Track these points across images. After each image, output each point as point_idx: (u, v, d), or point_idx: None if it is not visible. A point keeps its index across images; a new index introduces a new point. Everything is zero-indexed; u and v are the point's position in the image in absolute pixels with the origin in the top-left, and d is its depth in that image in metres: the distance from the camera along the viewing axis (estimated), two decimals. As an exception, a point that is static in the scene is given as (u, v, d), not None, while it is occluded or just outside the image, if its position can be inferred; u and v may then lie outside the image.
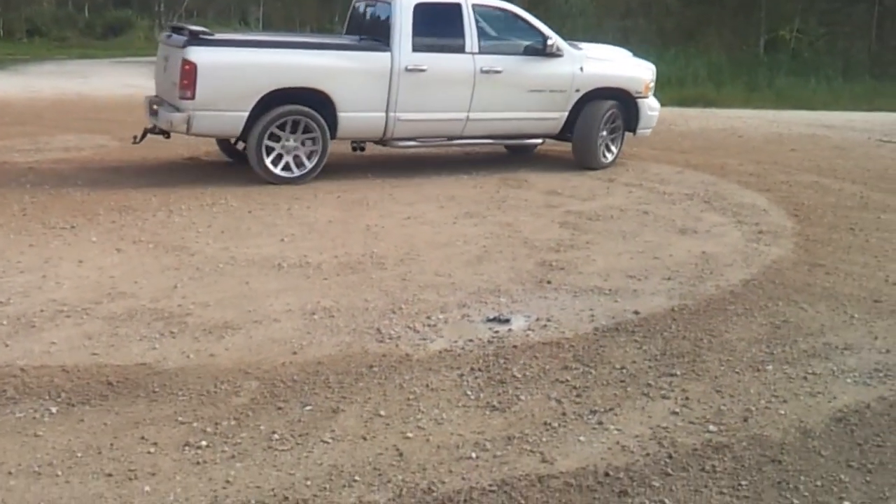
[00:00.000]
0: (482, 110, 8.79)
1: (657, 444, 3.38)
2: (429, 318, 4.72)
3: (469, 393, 3.80)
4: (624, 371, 4.10)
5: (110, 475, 2.99)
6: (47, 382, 3.74)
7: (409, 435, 3.38)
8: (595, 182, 8.77)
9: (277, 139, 8.00)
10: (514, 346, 4.35)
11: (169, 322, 4.50)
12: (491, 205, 7.60)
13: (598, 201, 7.88)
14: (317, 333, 4.44)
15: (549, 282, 5.43)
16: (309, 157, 8.16)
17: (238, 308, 4.75)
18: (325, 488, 2.98)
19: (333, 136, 8.27)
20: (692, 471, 3.20)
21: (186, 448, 3.19)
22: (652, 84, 9.86)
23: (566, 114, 9.26)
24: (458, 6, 8.72)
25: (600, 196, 8.12)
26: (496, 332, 4.55)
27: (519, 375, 4.00)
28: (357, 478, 3.05)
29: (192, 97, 7.63)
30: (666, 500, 3.01)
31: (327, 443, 3.29)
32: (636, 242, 6.46)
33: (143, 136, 8.46)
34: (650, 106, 9.78)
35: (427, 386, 3.85)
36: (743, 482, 3.14)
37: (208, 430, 3.34)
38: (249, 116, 7.83)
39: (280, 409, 3.56)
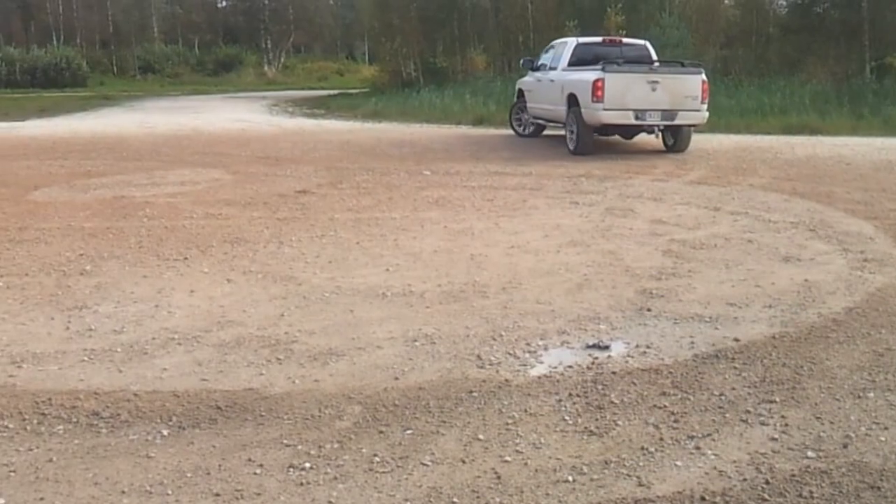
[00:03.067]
0: None
1: (755, 470, 3.35)
2: (528, 344, 4.78)
3: (567, 418, 3.84)
4: (723, 397, 4.06)
5: (218, 495, 3.15)
6: (159, 407, 3.95)
7: (508, 459, 3.44)
8: (701, 211, 8.69)
9: None
10: (613, 373, 4.37)
11: (275, 349, 4.69)
12: (595, 234, 7.62)
13: (703, 230, 7.79)
14: (418, 360, 4.55)
15: (649, 309, 5.42)
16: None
17: (342, 335, 4.92)
18: (424, 510, 3.07)
19: None
20: (789, 496, 3.16)
21: (291, 470, 3.33)
22: None
23: None
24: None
25: (705, 225, 8.03)
26: (595, 358, 4.58)
27: (617, 401, 4.01)
28: (456, 500, 3.12)
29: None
30: (771, 528, 2.98)
31: (427, 465, 3.38)
32: (739, 270, 6.37)
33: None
34: None
35: (526, 411, 3.91)
36: (843, 508, 3.08)
37: (312, 452, 3.48)
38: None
39: (381, 432, 3.67)
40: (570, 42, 14.70)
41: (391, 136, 16.65)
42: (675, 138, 13.60)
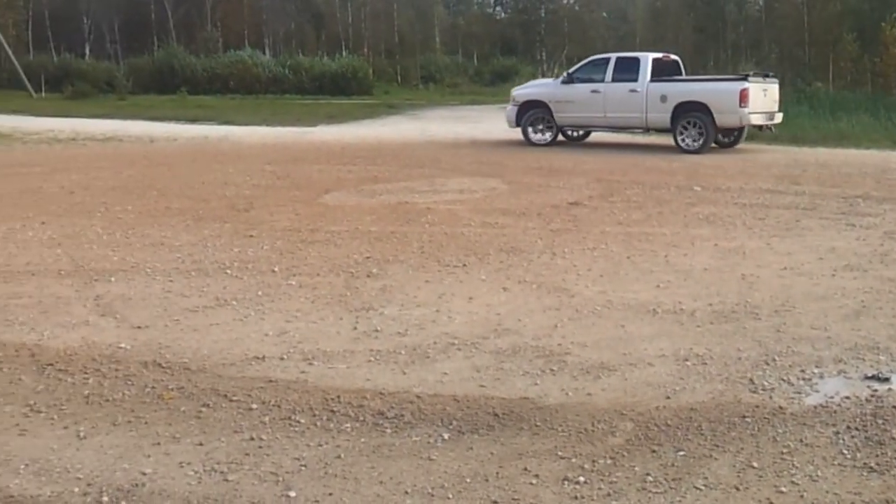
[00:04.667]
0: None
1: None
2: (803, 371, 4.57)
3: (845, 451, 3.64)
4: None
5: (496, 502, 3.27)
6: (440, 410, 4.15)
7: (783, 489, 3.32)
8: None
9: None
10: (894, 407, 4.07)
11: (549, 360, 4.79)
12: (874, 258, 7.13)
13: None
14: (689, 380, 4.47)
15: (937, 342, 4.98)
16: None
17: (614, 350, 4.93)
18: (697, 538, 3.03)
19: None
20: None
21: (566, 483, 3.40)
22: None
23: None
24: None
25: None
26: (875, 390, 4.30)
27: (899, 438, 3.74)
28: (731, 530, 3.05)
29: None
30: None
31: (700, 489, 3.32)
32: None
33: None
34: None
35: (801, 441, 3.74)
36: None
37: (586, 466, 3.52)
38: None
39: (654, 451, 3.65)
40: (645, 57, 16.81)
41: (662, 149, 16.35)
42: (739, 138, 16.88)
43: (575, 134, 18.54)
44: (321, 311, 5.82)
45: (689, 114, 15.71)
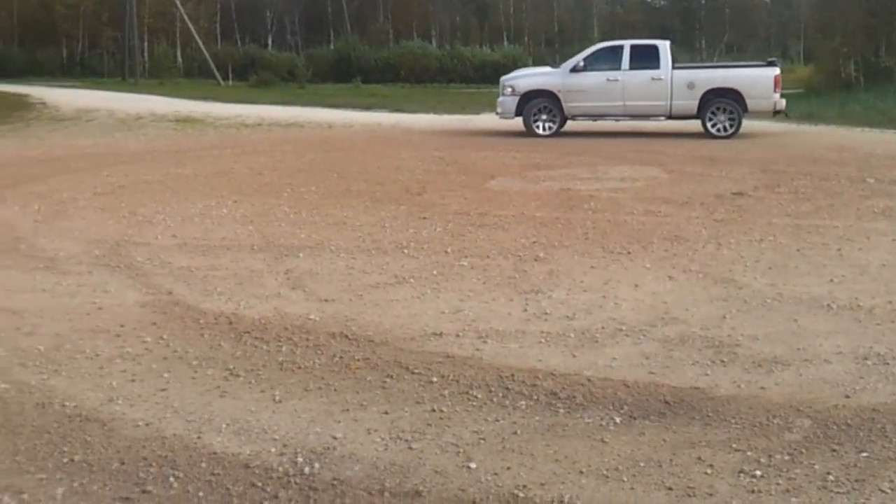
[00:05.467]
0: None
1: None
2: None
3: None
4: None
5: (671, 489, 3.18)
6: (611, 394, 4.08)
7: (981, 503, 3.07)
8: None
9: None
10: None
11: (719, 351, 4.62)
12: None
13: None
14: (870, 379, 4.21)
15: None
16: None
17: (787, 345, 4.70)
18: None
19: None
20: None
21: (741, 475, 3.26)
22: None
23: None
24: None
25: None
26: None
27: None
28: (920, 538, 2.86)
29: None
30: None
31: (885, 493, 3.12)
32: None
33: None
34: None
35: None
36: None
37: (762, 460, 3.37)
38: None
39: (834, 451, 3.46)
40: (664, 45, 16.59)
41: (827, 140, 15.48)
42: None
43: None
44: (492, 291, 5.83)
45: (719, 100, 15.84)
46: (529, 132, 16.65)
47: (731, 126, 15.81)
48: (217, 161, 13.07)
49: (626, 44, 17.05)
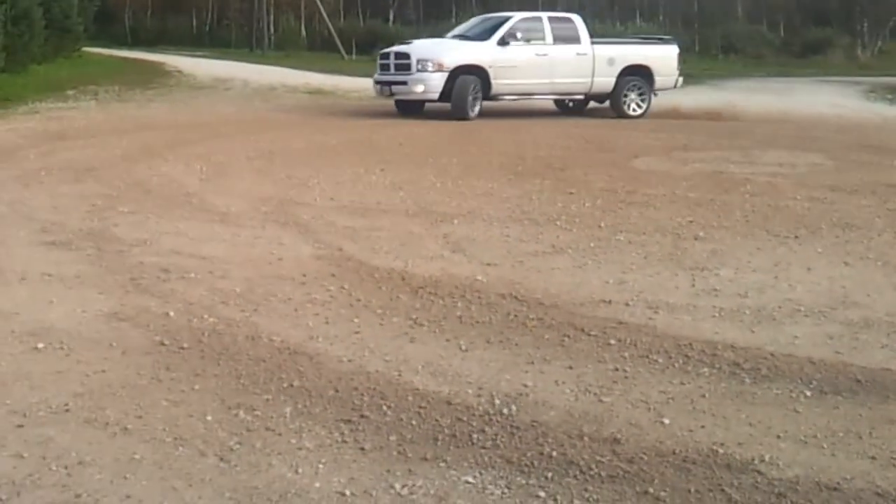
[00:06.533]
0: None
1: None
2: None
3: None
4: None
5: (874, 458, 3.28)
6: (797, 369, 4.16)
7: None
8: None
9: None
10: None
11: (912, 336, 4.64)
12: None
13: None
14: None
15: None
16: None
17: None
18: None
19: None
20: None
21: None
22: None
23: None
24: None
25: None
26: None
27: None
28: None
29: None
30: None
31: None
32: None
33: None
34: None
35: None
36: None
37: (970, 440, 3.43)
38: None
39: None
40: (578, 18, 16.41)
41: None
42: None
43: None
44: (654, 266, 5.96)
45: (632, 77, 15.97)
46: (458, 115, 15.12)
47: (642, 104, 16.06)
48: (356, 131, 13.52)
49: (544, 15, 16.76)
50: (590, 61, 15.91)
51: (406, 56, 15.52)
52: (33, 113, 15.54)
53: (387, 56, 15.99)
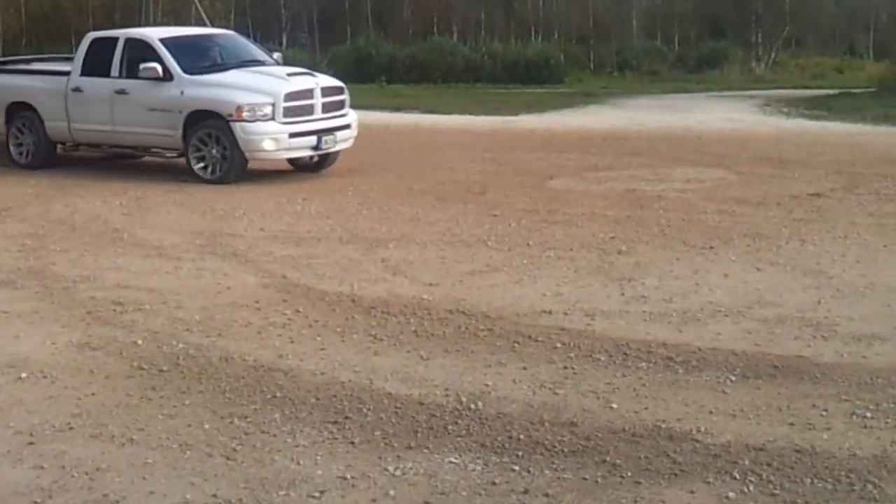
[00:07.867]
0: None
1: None
2: None
3: None
4: None
5: (792, 424, 4.10)
6: (722, 360, 4.98)
7: None
8: None
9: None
10: None
11: (818, 329, 5.50)
12: None
13: None
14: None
15: None
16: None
17: (884, 324, 5.58)
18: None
19: None
20: None
21: (854, 416, 4.17)
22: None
23: None
24: None
25: None
26: None
27: None
28: None
29: None
30: None
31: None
32: None
33: None
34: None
35: None
36: None
37: (871, 407, 4.27)
38: None
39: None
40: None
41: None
42: None
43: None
44: (585, 278, 6.75)
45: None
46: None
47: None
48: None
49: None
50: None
51: None
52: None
53: None
